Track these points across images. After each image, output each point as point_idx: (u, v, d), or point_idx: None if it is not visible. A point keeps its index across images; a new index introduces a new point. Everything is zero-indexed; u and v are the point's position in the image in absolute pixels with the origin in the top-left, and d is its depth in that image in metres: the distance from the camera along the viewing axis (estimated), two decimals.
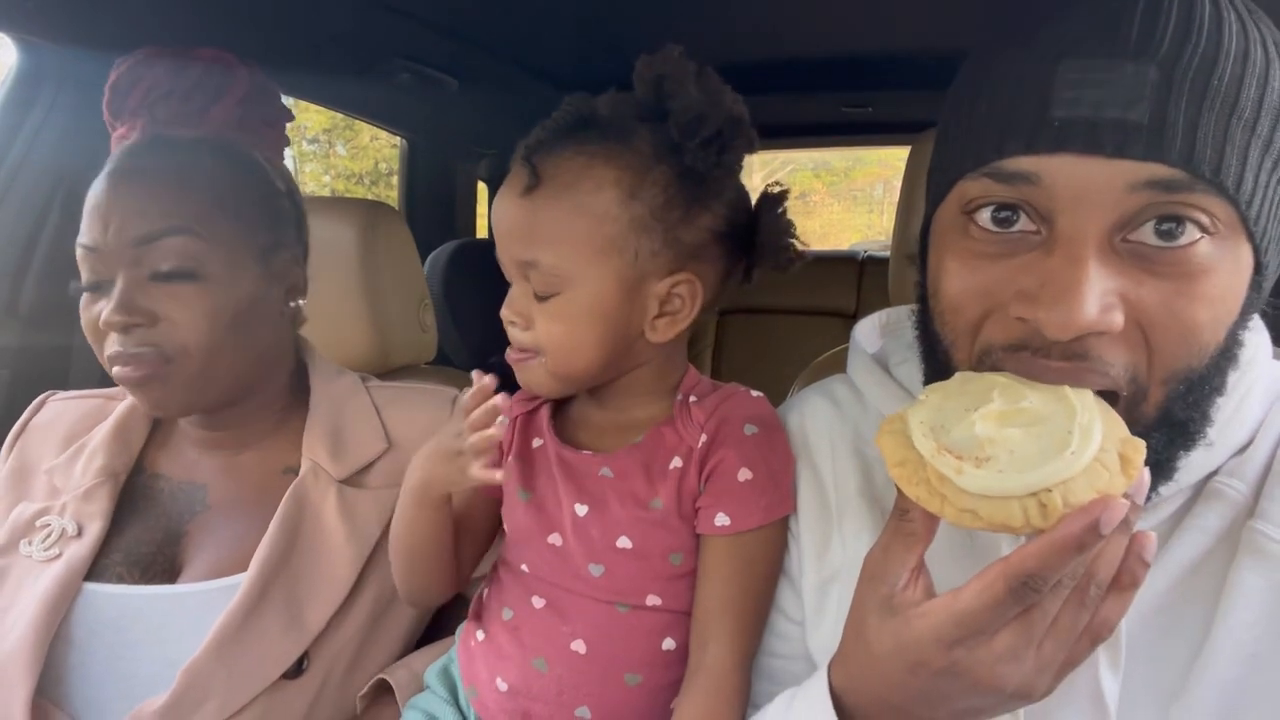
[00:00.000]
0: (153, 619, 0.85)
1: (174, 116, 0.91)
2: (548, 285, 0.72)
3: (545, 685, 0.75)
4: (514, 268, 0.74)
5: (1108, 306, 0.53)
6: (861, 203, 10.93)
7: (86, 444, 0.96)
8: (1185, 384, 0.56)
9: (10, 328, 1.26)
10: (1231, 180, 0.52)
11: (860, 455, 0.75)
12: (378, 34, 1.57)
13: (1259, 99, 0.53)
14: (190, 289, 0.85)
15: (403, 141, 2.41)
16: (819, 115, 2.48)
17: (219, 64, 0.94)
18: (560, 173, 0.71)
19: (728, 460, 0.74)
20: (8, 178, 1.25)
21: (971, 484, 0.49)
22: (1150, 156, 0.51)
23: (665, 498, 0.74)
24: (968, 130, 0.59)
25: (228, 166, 0.91)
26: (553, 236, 0.72)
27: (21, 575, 0.88)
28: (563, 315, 0.73)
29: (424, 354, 1.41)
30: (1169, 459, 0.58)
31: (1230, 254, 0.54)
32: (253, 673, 0.81)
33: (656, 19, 1.63)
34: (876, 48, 1.80)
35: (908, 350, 0.76)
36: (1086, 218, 0.53)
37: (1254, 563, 0.58)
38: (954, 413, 0.52)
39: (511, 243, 0.73)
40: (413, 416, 0.99)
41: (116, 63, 0.93)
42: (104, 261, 0.85)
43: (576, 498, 0.76)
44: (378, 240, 1.29)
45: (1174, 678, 0.59)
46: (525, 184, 0.72)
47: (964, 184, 0.59)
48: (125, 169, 0.87)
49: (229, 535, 0.90)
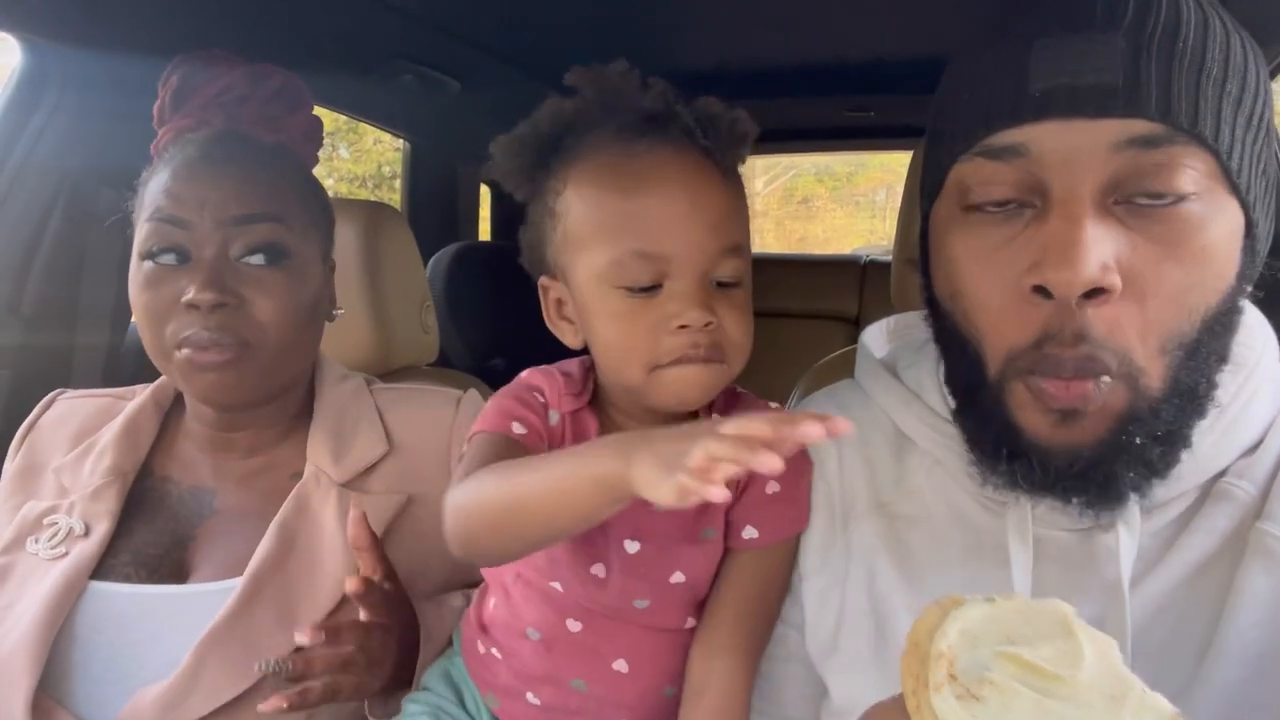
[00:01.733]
0: (156, 618, 0.85)
1: (254, 119, 0.95)
2: (741, 271, 0.70)
3: (584, 701, 0.74)
4: (717, 258, 0.68)
5: (1106, 267, 0.54)
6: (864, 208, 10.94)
7: (95, 443, 0.96)
8: (1183, 350, 0.57)
9: (12, 327, 1.26)
10: (1209, 131, 0.55)
11: (866, 460, 0.75)
12: (381, 36, 1.57)
13: (1224, 59, 0.56)
14: (276, 275, 0.88)
15: (405, 143, 2.41)
16: (821, 119, 2.48)
17: (292, 79, 0.99)
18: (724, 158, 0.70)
19: (759, 475, 0.73)
20: (11, 178, 1.25)
21: (941, 707, 0.44)
22: (1129, 113, 0.54)
23: (716, 524, 0.73)
24: (954, 119, 0.61)
25: (300, 176, 0.96)
26: (745, 219, 0.72)
27: (27, 572, 0.88)
28: (745, 306, 0.71)
29: (425, 355, 1.41)
30: (1182, 427, 0.59)
31: (1219, 212, 0.56)
32: (244, 666, 0.81)
33: (659, 23, 1.63)
34: (879, 52, 1.80)
35: (916, 354, 0.76)
36: (1077, 180, 0.55)
37: (1262, 564, 0.58)
38: (995, 635, 0.47)
39: (724, 229, 0.68)
40: (415, 418, 0.99)
41: (181, 58, 0.96)
42: (192, 239, 0.86)
43: (628, 533, 0.72)
44: (380, 241, 1.29)
45: (1180, 678, 0.59)
46: (711, 161, 0.69)
47: (958, 169, 0.61)
48: (218, 155, 0.89)
49: (236, 540, 0.90)
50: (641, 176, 0.68)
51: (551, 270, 0.74)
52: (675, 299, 0.67)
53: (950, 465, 0.69)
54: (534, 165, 0.73)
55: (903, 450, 0.73)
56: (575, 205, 0.70)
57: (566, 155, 0.71)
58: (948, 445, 0.69)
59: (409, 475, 0.95)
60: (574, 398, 0.76)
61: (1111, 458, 0.58)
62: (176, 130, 0.94)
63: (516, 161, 0.73)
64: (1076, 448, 0.58)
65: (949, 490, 0.70)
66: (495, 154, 0.73)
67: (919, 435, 0.72)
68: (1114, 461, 0.58)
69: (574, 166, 0.70)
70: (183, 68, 0.95)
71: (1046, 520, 0.65)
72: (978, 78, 0.60)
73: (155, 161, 0.92)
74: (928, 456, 0.71)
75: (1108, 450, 0.58)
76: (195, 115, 0.93)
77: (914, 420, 0.72)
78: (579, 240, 0.70)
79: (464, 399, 1.00)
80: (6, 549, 0.91)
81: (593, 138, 0.70)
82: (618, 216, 0.68)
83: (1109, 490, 0.59)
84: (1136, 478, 0.59)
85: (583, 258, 0.70)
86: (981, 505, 0.68)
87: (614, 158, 0.69)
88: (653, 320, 0.67)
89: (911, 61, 1.74)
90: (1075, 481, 0.59)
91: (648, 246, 0.67)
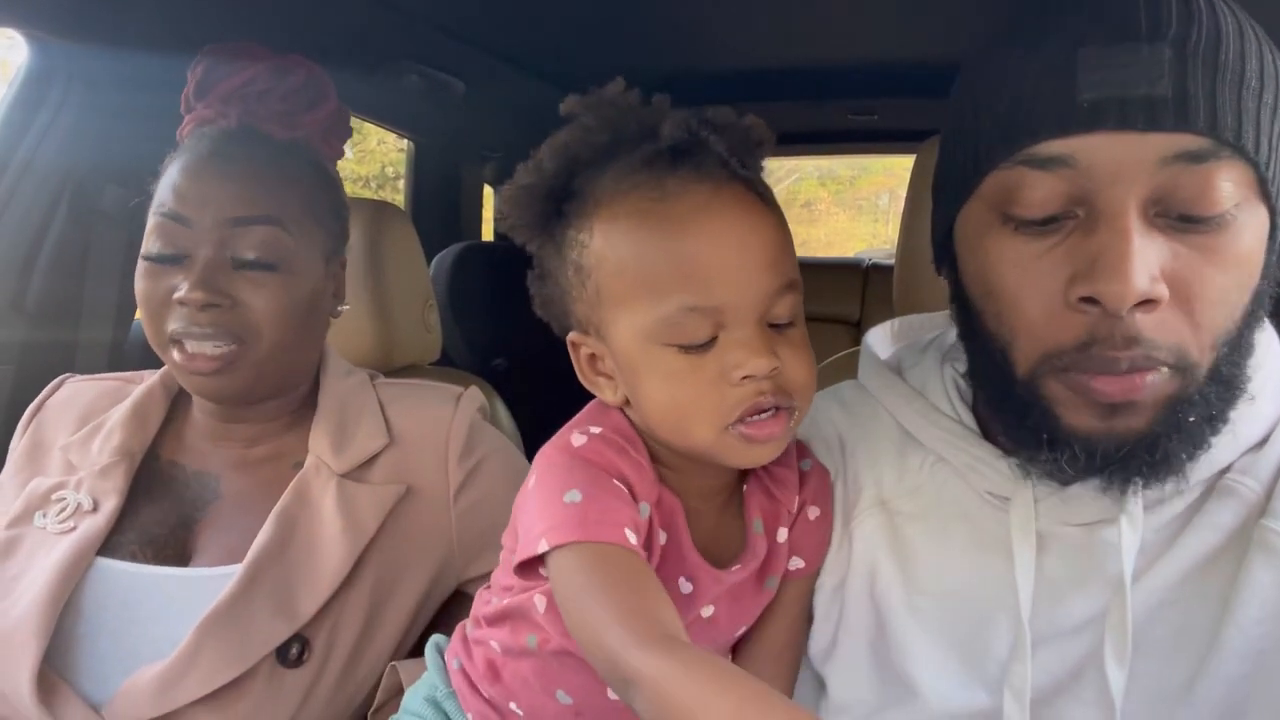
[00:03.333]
0: (159, 598, 0.86)
1: (271, 115, 0.95)
2: (796, 308, 0.64)
3: None
4: (773, 298, 0.62)
5: (1155, 278, 0.55)
6: (866, 212, 10.92)
7: (103, 424, 0.97)
8: (1228, 345, 0.58)
9: (16, 323, 1.27)
10: (1250, 144, 0.55)
11: (869, 458, 0.75)
12: (385, 36, 1.58)
13: (1260, 70, 0.56)
14: (270, 278, 0.89)
15: (409, 144, 2.41)
16: (825, 122, 2.49)
17: (317, 76, 0.99)
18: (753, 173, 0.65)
19: (805, 504, 0.72)
20: (16, 174, 1.25)
21: None
22: (1178, 127, 0.54)
23: (778, 571, 0.71)
24: (992, 122, 0.60)
25: (313, 171, 0.97)
26: (793, 250, 0.65)
27: (35, 546, 0.89)
28: (804, 344, 0.65)
29: (427, 354, 1.42)
30: (1221, 413, 0.60)
31: (1253, 219, 0.57)
32: (240, 650, 0.82)
33: (663, 25, 1.63)
34: (884, 55, 1.80)
35: (919, 355, 0.77)
36: (1125, 193, 0.55)
37: (1266, 560, 0.59)
38: None
39: (777, 267, 0.63)
40: (415, 412, 1.00)
41: (210, 48, 0.97)
42: (190, 236, 0.87)
43: (705, 601, 0.67)
44: (384, 240, 1.30)
45: (1182, 673, 0.60)
46: (751, 191, 0.64)
47: (999, 175, 0.60)
48: (227, 153, 0.90)
49: (239, 526, 0.91)
50: (682, 221, 0.61)
51: (581, 326, 0.67)
52: (735, 348, 0.61)
53: (954, 463, 0.70)
54: (547, 215, 0.66)
55: (905, 448, 0.74)
56: (608, 259, 0.63)
57: (584, 200, 0.64)
58: (951, 443, 0.69)
59: (408, 467, 0.96)
60: (655, 484, 0.66)
61: (1165, 435, 0.58)
62: (197, 120, 0.95)
63: (527, 215, 0.66)
64: (1125, 435, 0.58)
65: (952, 487, 0.70)
66: (503, 209, 0.68)
67: (922, 432, 0.72)
68: (1169, 439, 0.58)
69: (599, 214, 0.63)
70: (209, 57, 0.96)
71: (1050, 515, 0.65)
72: (1017, 80, 0.59)
73: (176, 150, 0.94)
74: (931, 454, 0.72)
75: (1161, 429, 0.58)
76: (215, 107, 0.94)
77: (918, 417, 0.72)
78: (617, 297, 0.63)
79: (463, 396, 1.01)
80: (14, 522, 0.92)
81: (612, 176, 0.63)
82: (662, 268, 0.61)
83: (1161, 467, 0.59)
84: (1185, 455, 0.59)
85: (624, 316, 0.63)
86: (984, 501, 0.68)
87: (645, 201, 0.61)
88: (713, 374, 0.61)
89: (916, 64, 1.74)
90: (1122, 463, 0.59)
91: (701, 300, 0.60)
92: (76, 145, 1.27)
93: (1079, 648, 0.63)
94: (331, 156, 1.02)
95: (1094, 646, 0.62)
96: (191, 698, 0.81)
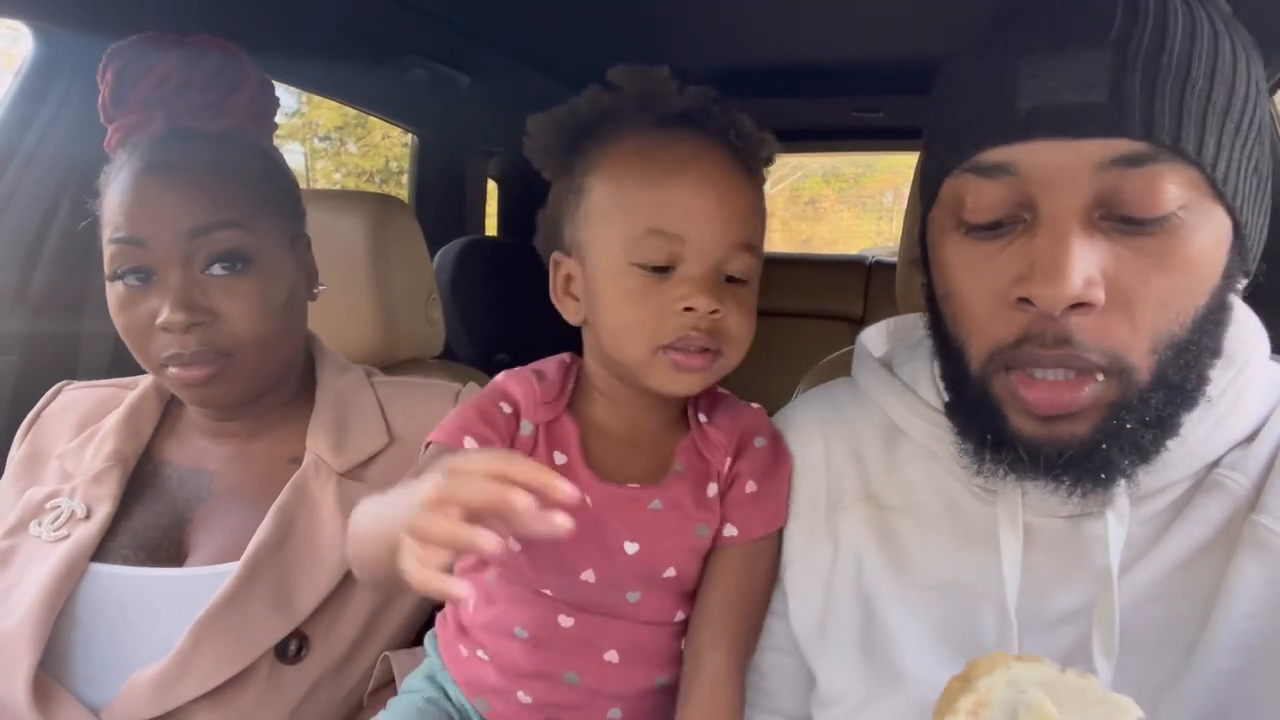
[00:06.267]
0: (155, 600, 0.86)
1: (194, 109, 0.90)
2: (751, 269, 0.73)
3: (577, 695, 0.75)
4: (731, 251, 0.71)
5: (1090, 281, 0.55)
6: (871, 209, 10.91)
7: (98, 430, 0.97)
8: (1173, 349, 0.58)
9: (20, 314, 1.27)
10: (1191, 146, 0.55)
11: (856, 453, 0.76)
12: (390, 29, 1.58)
13: (1210, 70, 0.56)
14: (243, 282, 0.87)
15: (413, 137, 2.41)
16: (829, 119, 2.48)
17: (231, 54, 0.93)
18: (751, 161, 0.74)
19: (741, 475, 0.75)
20: (21, 166, 1.26)
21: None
22: (1112, 133, 0.55)
23: (710, 524, 0.75)
24: (950, 131, 0.62)
25: (254, 159, 0.93)
26: (762, 221, 0.74)
27: (29, 554, 0.89)
28: (750, 305, 0.74)
29: (430, 348, 1.42)
30: (1171, 415, 0.60)
31: (1205, 220, 0.56)
32: (238, 649, 0.82)
33: (668, 20, 1.63)
34: (888, 52, 1.80)
35: (912, 351, 0.78)
36: (1064, 198, 0.56)
37: (1254, 555, 0.59)
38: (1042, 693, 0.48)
39: (741, 225, 0.71)
40: (414, 411, 1.00)
41: (115, 48, 0.90)
42: (152, 256, 0.85)
43: (627, 535, 0.73)
44: (387, 233, 1.30)
45: (1169, 668, 0.60)
46: (738, 161, 0.72)
47: (951, 182, 0.62)
48: (165, 162, 0.86)
49: (234, 522, 0.91)
50: (668, 163, 0.70)
51: (566, 247, 0.76)
52: (686, 283, 0.70)
53: (942, 456, 0.70)
54: (567, 147, 0.75)
55: (895, 443, 0.75)
56: (601, 184, 0.72)
57: (600, 141, 0.74)
58: (940, 436, 0.70)
59: (407, 466, 0.95)
60: (550, 405, 0.76)
61: (1104, 442, 0.59)
62: (123, 129, 0.91)
63: (551, 140, 0.76)
64: (1067, 440, 0.59)
65: (941, 480, 0.71)
66: (531, 130, 0.76)
67: (912, 427, 0.73)
68: (1107, 446, 0.59)
69: (606, 151, 0.73)
70: (117, 59, 0.90)
71: (1037, 508, 0.65)
72: (968, 89, 0.61)
73: (110, 164, 0.90)
74: (920, 448, 0.73)
75: (1100, 435, 0.58)
76: (137, 112, 0.89)
77: (907, 412, 0.73)
78: (599, 216, 0.72)
79: (463, 393, 1.01)
80: (10, 532, 0.92)
81: (629, 125, 0.73)
82: (641, 197, 0.70)
83: (1101, 474, 0.59)
84: (1128, 462, 0.59)
85: (601, 233, 0.72)
86: (973, 494, 0.69)
87: (645, 145, 0.72)
88: (662, 301, 0.70)
89: (921, 61, 1.73)
90: (1065, 468, 0.60)
91: (665, 226, 0.69)
92: (82, 137, 1.26)
93: (1065, 640, 0.63)
94: (263, 135, 0.97)
95: (1081, 639, 0.62)
96: (191, 695, 0.81)
